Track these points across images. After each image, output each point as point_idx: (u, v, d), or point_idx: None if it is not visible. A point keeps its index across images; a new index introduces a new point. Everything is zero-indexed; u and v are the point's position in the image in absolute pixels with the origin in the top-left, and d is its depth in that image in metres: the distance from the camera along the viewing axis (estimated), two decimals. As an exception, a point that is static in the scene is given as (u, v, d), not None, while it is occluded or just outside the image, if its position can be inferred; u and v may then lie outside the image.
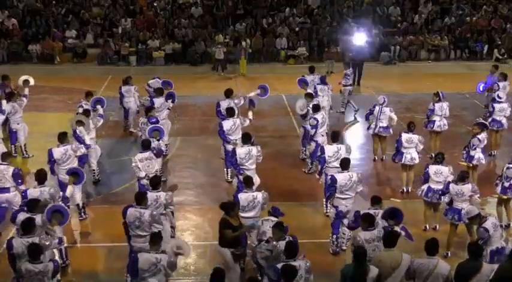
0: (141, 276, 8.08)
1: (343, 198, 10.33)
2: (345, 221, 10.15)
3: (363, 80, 22.50)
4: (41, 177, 10.11)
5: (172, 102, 15.09)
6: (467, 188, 10.37)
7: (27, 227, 8.46)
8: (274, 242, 8.49)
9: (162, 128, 12.96)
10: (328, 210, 11.80)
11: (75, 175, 10.60)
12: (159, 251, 8.22)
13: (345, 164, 10.57)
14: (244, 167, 11.42)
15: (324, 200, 11.93)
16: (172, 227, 10.61)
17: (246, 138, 11.82)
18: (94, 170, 13.43)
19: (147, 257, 8.08)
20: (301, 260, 7.86)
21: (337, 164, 11.45)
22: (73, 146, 11.78)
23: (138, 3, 29.10)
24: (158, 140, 12.32)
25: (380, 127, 14.48)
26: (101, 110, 14.19)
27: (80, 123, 12.73)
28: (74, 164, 11.50)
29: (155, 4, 29.26)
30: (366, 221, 8.69)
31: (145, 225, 9.05)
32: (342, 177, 10.34)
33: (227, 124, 13.07)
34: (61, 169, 11.44)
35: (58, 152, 11.54)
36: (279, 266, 7.61)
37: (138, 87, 16.64)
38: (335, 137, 11.99)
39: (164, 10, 29.01)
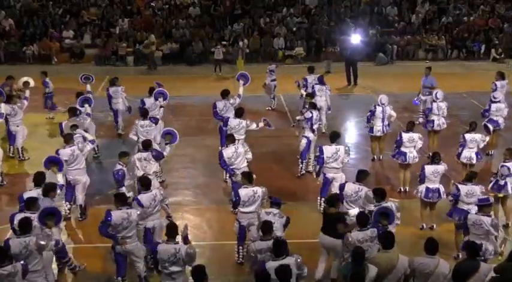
0: (162, 265, 8.21)
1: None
2: None
3: (359, 80, 22.53)
4: (38, 179, 10.08)
5: (164, 100, 15.05)
6: (477, 188, 10.34)
7: (24, 227, 8.44)
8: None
9: (176, 133, 12.59)
10: (321, 208, 11.78)
11: (53, 163, 10.64)
12: (176, 242, 8.32)
13: (360, 175, 10.26)
14: (234, 166, 11.49)
15: (319, 198, 12.00)
16: (170, 217, 10.60)
17: (230, 139, 11.93)
18: None
19: (167, 248, 8.19)
20: (292, 256, 7.96)
21: (335, 164, 11.59)
22: (79, 145, 11.86)
23: (136, 3, 29.09)
24: (166, 144, 12.21)
25: (385, 126, 14.52)
26: (88, 109, 14.19)
27: (75, 127, 12.83)
28: (83, 163, 11.66)
29: (153, 4, 29.25)
30: (359, 222, 8.70)
31: (134, 225, 9.13)
32: (350, 187, 10.13)
33: (233, 123, 13.17)
34: (70, 170, 11.55)
35: (65, 153, 11.60)
36: (267, 265, 7.74)
37: (125, 88, 16.61)
38: (334, 137, 11.97)
39: (162, 10, 28.99)
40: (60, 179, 10.53)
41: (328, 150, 11.70)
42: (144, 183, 10.05)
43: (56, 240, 8.90)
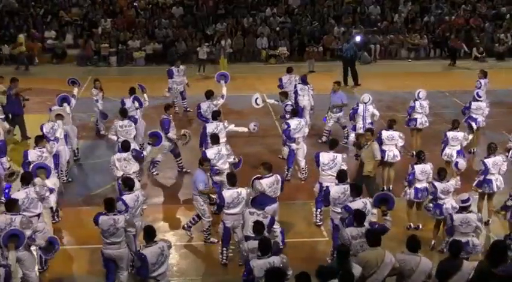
0: (151, 270, 8.14)
1: (338, 213, 9.80)
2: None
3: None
4: (25, 178, 9.97)
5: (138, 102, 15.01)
6: (451, 184, 10.51)
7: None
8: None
9: (162, 136, 12.66)
10: (318, 220, 11.61)
11: (42, 169, 10.49)
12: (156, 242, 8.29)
13: (341, 177, 10.15)
14: (216, 168, 11.46)
15: (314, 209, 11.72)
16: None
17: (214, 140, 11.89)
18: (62, 171, 13.14)
19: (153, 250, 8.15)
20: (278, 256, 7.94)
21: (331, 172, 11.10)
22: (48, 147, 11.72)
23: (118, 3, 28.90)
24: (149, 144, 12.17)
25: (367, 124, 14.52)
26: (67, 109, 13.89)
27: (59, 116, 12.79)
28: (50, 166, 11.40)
29: (135, 4, 29.09)
30: (356, 219, 8.70)
31: (121, 231, 8.94)
32: (336, 190, 9.99)
33: (210, 127, 13.05)
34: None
35: (34, 153, 11.49)
36: (251, 263, 7.76)
37: (106, 89, 16.44)
38: (332, 145, 11.57)
39: (144, 10, 28.85)
40: (49, 184, 10.30)
41: (325, 157, 11.25)
42: (128, 184, 9.94)
43: (4, 266, 7.98)
